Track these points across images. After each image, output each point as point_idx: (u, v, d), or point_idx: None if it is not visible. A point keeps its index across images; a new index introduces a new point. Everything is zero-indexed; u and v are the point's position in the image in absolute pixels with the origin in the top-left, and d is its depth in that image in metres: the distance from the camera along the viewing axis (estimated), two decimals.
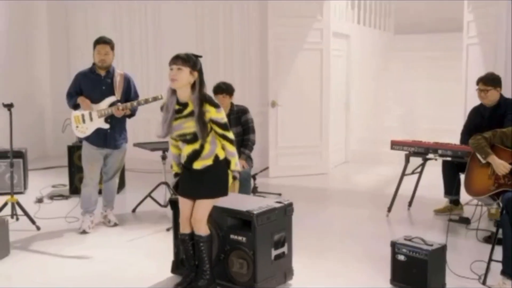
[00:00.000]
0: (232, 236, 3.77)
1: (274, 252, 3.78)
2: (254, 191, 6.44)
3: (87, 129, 5.23)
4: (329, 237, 5.04)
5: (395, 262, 3.81)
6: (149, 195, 5.99)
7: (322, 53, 7.83)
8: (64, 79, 9.52)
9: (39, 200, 6.43)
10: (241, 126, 5.66)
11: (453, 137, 8.28)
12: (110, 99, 5.22)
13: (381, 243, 4.70)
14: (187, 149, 3.67)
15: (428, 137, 8.78)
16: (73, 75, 5.34)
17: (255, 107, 8.17)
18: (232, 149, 3.67)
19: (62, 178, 7.54)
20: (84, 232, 5.20)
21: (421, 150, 5.44)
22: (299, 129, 7.84)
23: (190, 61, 3.53)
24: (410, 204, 5.92)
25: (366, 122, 9.46)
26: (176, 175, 3.89)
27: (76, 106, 5.26)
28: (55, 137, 9.80)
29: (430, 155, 5.39)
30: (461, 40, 7.39)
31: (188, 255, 3.82)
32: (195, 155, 3.64)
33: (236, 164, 3.69)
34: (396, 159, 8.58)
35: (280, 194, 6.69)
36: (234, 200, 3.96)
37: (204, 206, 3.67)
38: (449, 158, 5.27)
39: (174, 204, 4.04)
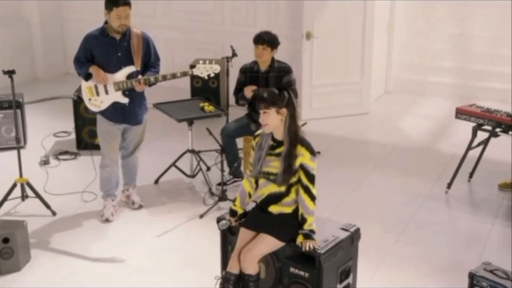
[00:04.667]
0: (292, 270, 3.68)
1: (339, 287, 3.75)
2: None
3: (102, 102, 4.95)
4: (386, 232, 4.93)
5: None
6: (173, 164, 5.83)
7: None
8: None
9: (45, 162, 6.30)
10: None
11: None
12: (128, 69, 4.88)
13: (447, 245, 4.73)
14: (268, 189, 3.56)
15: (484, 63, 8.42)
16: None
17: (284, 40, 7.79)
18: (311, 207, 3.51)
19: (62, 122, 7.38)
20: (107, 220, 5.11)
21: (492, 124, 5.22)
22: (337, 65, 7.51)
23: (274, 99, 3.44)
24: (471, 175, 5.79)
25: (411, 45, 9.01)
26: (233, 213, 3.76)
27: (88, 76, 4.94)
28: (45, 58, 9.53)
29: (500, 131, 5.18)
30: None
31: None
32: (276, 198, 3.55)
33: (312, 224, 3.52)
34: (442, 90, 8.37)
35: (319, 153, 6.54)
36: None
37: (266, 243, 3.56)
38: None
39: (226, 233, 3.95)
